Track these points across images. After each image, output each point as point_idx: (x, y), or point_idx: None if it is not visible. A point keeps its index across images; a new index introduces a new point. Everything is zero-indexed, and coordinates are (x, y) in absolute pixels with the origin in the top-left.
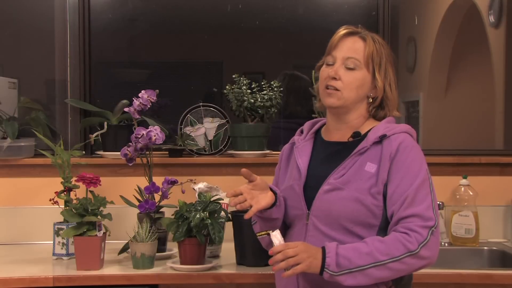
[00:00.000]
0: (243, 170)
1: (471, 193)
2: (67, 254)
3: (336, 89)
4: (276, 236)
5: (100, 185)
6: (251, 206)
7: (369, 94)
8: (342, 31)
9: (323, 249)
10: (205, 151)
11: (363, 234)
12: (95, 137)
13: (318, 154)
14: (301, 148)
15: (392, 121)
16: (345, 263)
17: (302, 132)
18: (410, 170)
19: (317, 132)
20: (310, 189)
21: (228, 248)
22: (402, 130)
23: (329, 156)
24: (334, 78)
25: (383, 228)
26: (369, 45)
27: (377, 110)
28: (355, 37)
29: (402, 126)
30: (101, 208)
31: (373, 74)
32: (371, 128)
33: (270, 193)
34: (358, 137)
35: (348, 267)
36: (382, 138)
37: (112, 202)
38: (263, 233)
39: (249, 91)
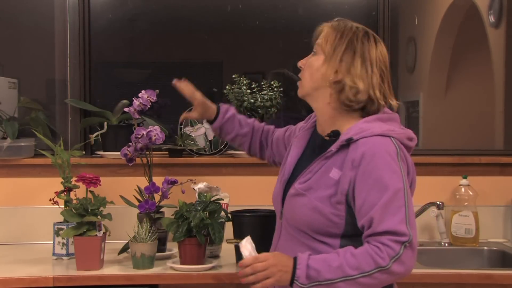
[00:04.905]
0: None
1: (471, 193)
2: (67, 254)
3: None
4: (246, 247)
5: (100, 185)
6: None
7: (329, 79)
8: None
9: (295, 259)
10: (205, 151)
11: (326, 241)
12: (95, 137)
13: (309, 147)
14: (297, 138)
15: (374, 120)
16: (315, 275)
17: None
18: (378, 180)
19: None
20: (288, 186)
21: (228, 248)
22: (374, 133)
23: (314, 151)
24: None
25: (347, 236)
26: (328, 28)
27: (341, 94)
28: (323, 25)
29: (376, 128)
30: (101, 208)
31: (329, 58)
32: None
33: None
34: (334, 136)
35: (318, 279)
36: (349, 142)
37: (112, 202)
38: (233, 241)
39: (249, 91)
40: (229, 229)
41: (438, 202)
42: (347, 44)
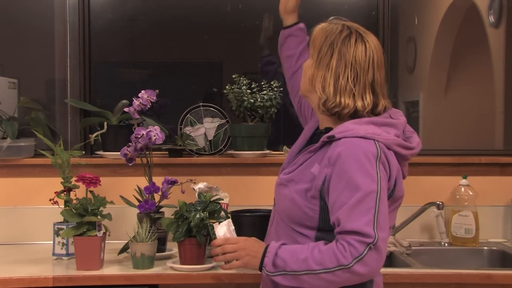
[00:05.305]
0: None
1: (471, 193)
2: (67, 254)
3: None
4: (222, 228)
5: (100, 185)
6: None
7: (316, 83)
8: None
9: (266, 247)
10: (205, 151)
11: (304, 233)
12: (95, 137)
13: (311, 138)
14: (307, 127)
15: (366, 122)
16: (282, 264)
17: None
18: (351, 181)
19: None
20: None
21: None
22: (356, 134)
23: (309, 142)
24: None
25: (322, 230)
26: (318, 30)
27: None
28: (316, 26)
29: (361, 130)
30: (101, 208)
31: (314, 61)
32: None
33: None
34: (326, 133)
35: (284, 269)
36: (330, 139)
37: (112, 202)
38: (213, 221)
39: (249, 91)
40: None
41: (438, 202)
42: (328, 47)
